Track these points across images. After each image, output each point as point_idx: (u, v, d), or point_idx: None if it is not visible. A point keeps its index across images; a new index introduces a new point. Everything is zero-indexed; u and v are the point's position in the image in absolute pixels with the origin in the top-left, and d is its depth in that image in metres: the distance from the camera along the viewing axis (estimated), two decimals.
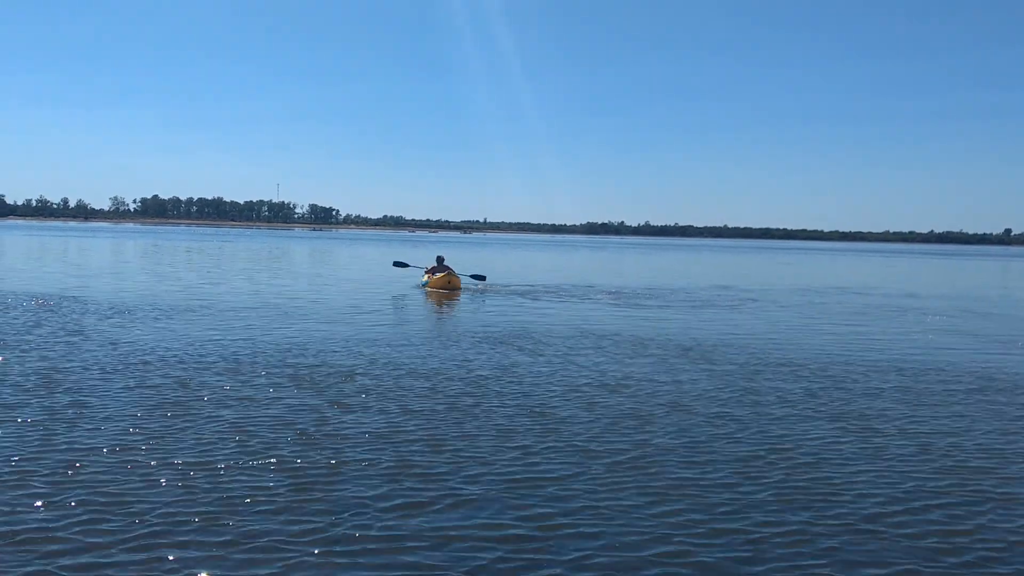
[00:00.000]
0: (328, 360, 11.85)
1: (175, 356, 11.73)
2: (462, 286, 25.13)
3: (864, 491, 6.66)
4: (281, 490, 6.31)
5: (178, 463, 6.83)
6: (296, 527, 5.62)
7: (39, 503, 5.89)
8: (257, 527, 5.62)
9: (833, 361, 13.07)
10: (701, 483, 6.77)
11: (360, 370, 11.17)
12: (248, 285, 26.05)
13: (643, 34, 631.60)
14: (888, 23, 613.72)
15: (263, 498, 6.13)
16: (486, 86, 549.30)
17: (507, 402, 9.50)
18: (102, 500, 5.97)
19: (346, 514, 5.88)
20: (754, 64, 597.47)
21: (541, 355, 12.93)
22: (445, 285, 24.51)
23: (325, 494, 6.27)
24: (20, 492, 6.07)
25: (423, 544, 5.43)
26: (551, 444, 7.77)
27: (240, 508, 5.92)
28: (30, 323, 14.71)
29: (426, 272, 26.47)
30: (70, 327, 14.38)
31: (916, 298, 28.84)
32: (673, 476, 6.92)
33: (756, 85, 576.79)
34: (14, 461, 6.73)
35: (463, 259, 53.22)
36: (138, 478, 6.44)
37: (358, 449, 7.42)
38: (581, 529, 5.74)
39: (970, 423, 9.11)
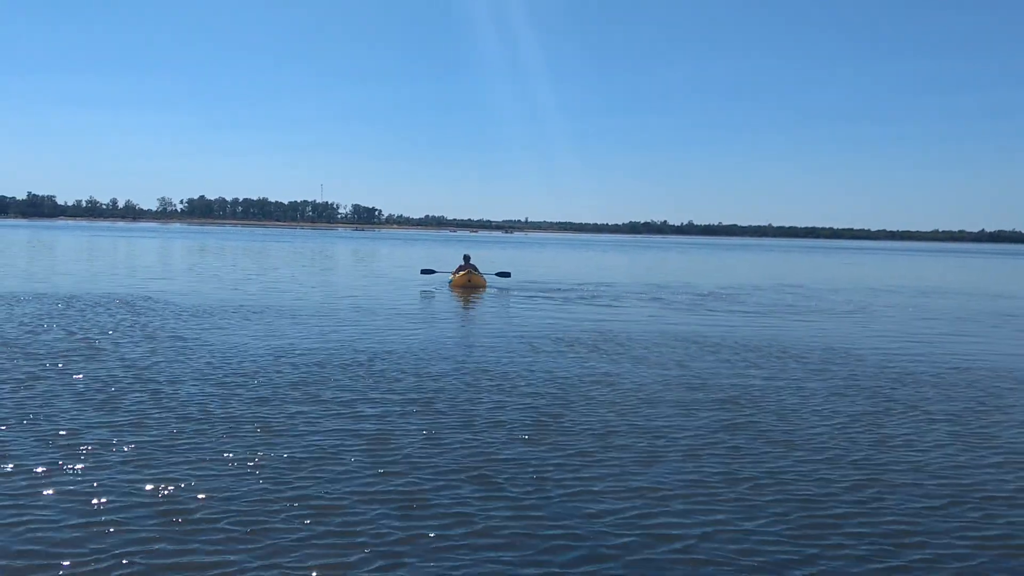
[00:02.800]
0: (419, 369, 10.96)
1: (263, 359, 10.98)
2: (488, 285, 25.05)
3: None
4: (393, 529, 5.41)
5: (288, 485, 5.97)
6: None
7: (154, 519, 5.12)
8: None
9: (977, 376, 11.72)
10: (872, 530, 5.68)
11: (453, 379, 10.24)
12: (319, 286, 25.42)
13: (686, 33, 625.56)
14: (936, 18, 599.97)
15: (375, 543, 5.24)
16: (526, 87, 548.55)
17: (621, 421, 8.46)
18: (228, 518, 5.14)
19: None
20: (800, 63, 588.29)
21: (644, 364, 11.87)
22: (465, 284, 24.51)
23: (445, 533, 5.35)
24: (126, 503, 5.30)
25: None
26: (693, 480, 6.72)
27: (355, 549, 5.04)
28: (114, 323, 14.13)
29: (453, 272, 26.28)
30: (157, 330, 13.73)
31: (1012, 299, 27.18)
32: (854, 525, 5.83)
33: (801, 84, 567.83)
34: (116, 478, 5.96)
35: (512, 260, 52.42)
36: (243, 495, 5.61)
37: (461, 473, 6.49)
38: None
39: None
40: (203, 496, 5.87)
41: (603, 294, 24.90)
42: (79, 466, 6.43)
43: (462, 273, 24.89)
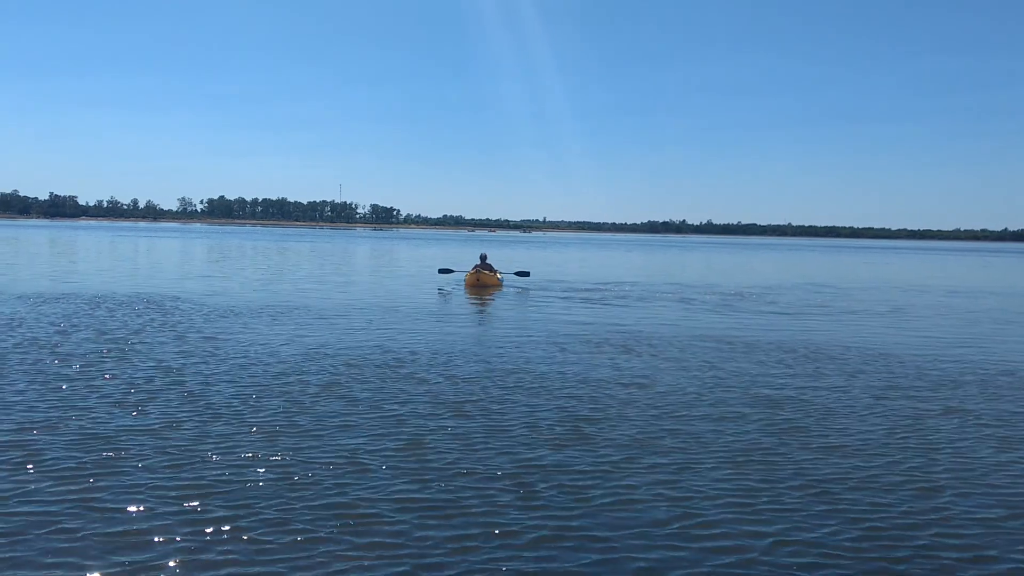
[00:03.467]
0: (450, 371, 10.80)
1: (293, 361, 10.86)
2: (506, 284, 24.78)
3: None
4: (428, 537, 5.24)
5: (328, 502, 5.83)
6: None
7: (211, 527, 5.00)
8: None
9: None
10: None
11: (485, 381, 10.04)
12: (343, 285, 25.33)
13: (700, 31, 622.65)
14: (952, 18, 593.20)
15: (410, 551, 5.06)
16: (541, 87, 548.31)
17: (657, 426, 8.23)
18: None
19: None
20: (818, 61, 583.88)
21: (677, 366, 11.60)
22: (475, 283, 24.28)
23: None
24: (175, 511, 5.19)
25: None
26: (735, 488, 6.49)
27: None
28: (143, 324, 14.09)
29: (469, 272, 26.12)
30: (187, 331, 13.66)
31: None
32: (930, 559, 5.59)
33: (818, 82, 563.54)
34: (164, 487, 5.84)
35: (531, 259, 52.21)
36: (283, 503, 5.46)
37: (497, 479, 6.30)
38: None
39: None
40: (235, 502, 5.74)
41: (628, 294, 24.62)
42: (109, 470, 6.34)
43: (471, 272, 24.74)
